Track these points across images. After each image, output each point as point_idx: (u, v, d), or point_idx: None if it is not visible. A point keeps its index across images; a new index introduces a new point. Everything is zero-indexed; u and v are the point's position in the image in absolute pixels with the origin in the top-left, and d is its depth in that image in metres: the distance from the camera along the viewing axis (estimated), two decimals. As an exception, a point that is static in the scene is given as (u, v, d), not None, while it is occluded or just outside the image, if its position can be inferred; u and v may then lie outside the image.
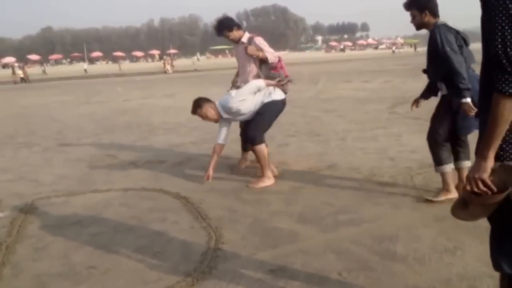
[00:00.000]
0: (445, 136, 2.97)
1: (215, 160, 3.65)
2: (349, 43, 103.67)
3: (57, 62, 70.57)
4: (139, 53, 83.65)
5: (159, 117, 8.06)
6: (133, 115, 8.57)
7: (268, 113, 3.60)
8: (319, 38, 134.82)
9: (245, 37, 3.97)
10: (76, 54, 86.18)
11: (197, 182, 3.80)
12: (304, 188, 3.50)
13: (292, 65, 24.06)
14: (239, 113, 3.57)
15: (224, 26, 3.95)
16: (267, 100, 3.58)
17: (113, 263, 2.37)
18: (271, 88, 3.64)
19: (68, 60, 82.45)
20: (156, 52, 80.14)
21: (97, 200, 3.46)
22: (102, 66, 56.49)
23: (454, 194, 2.95)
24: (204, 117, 3.58)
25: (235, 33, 3.95)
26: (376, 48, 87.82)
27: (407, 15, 3.03)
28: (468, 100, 2.75)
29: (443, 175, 3.00)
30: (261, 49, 3.86)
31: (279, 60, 3.94)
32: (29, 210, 3.28)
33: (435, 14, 2.95)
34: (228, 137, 3.69)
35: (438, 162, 3.00)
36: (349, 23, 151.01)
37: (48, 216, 3.15)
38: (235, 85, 4.24)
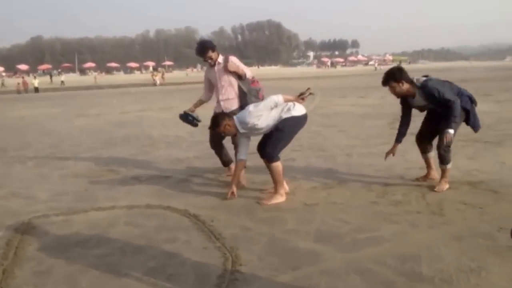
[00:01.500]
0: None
1: (237, 176, 3.63)
2: (341, 59, 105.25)
3: (45, 72, 68.01)
4: (133, 64, 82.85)
5: (159, 130, 7.90)
6: (132, 128, 8.39)
7: (287, 129, 3.50)
8: (311, 53, 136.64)
9: (221, 58, 4.12)
10: (67, 64, 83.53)
11: (204, 199, 3.65)
12: (317, 205, 3.38)
13: (285, 80, 24.25)
14: (255, 128, 3.48)
15: (209, 47, 4.08)
16: (286, 115, 3.48)
17: (124, 287, 2.20)
18: (290, 103, 3.54)
19: (59, 70, 79.89)
20: (151, 63, 79.56)
21: (101, 218, 3.28)
22: (86, 78, 55.29)
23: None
24: (223, 134, 3.63)
25: (216, 54, 4.10)
26: (366, 64, 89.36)
27: (395, 34, 3.18)
28: (452, 131, 3.48)
29: (447, 170, 3.65)
30: (237, 67, 4.05)
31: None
32: (26, 230, 3.06)
33: (409, 80, 3.51)
34: (248, 151, 3.65)
35: (448, 161, 3.62)
36: (340, 39, 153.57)
37: (48, 237, 2.95)
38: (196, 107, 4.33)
